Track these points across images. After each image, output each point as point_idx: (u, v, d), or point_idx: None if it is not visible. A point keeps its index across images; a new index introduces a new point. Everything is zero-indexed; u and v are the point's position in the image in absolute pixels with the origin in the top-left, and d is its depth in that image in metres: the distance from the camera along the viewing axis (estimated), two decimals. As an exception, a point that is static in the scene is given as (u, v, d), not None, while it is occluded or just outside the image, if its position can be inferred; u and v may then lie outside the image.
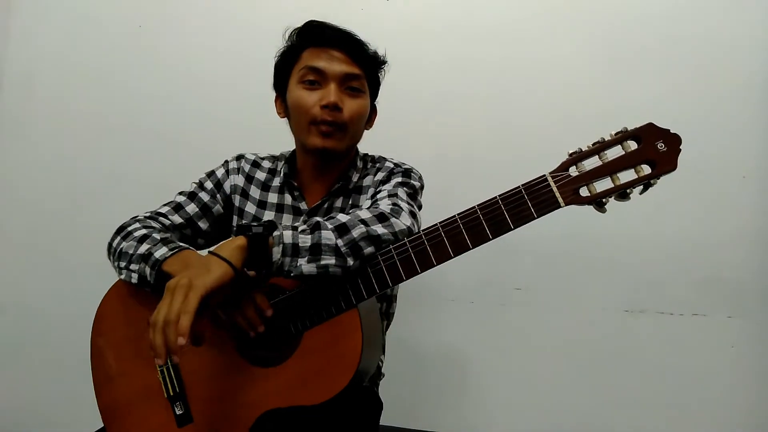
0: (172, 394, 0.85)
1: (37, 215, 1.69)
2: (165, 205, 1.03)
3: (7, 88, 1.71)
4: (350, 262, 0.77)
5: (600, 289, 1.46)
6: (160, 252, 0.84)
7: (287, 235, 0.76)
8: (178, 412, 0.84)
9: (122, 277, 0.88)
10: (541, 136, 1.47)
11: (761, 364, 1.40)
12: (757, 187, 1.41)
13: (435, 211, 1.01)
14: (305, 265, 0.76)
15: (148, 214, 0.99)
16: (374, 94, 1.06)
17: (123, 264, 0.87)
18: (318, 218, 0.81)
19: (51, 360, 1.66)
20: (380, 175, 1.01)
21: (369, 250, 0.79)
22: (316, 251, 0.76)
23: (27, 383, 1.68)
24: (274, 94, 1.07)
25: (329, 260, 0.76)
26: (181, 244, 0.88)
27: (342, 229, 0.78)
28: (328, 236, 0.77)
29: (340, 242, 0.77)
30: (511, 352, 1.50)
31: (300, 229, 0.78)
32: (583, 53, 1.48)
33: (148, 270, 0.83)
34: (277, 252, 0.75)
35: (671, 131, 0.74)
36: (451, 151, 1.51)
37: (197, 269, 0.72)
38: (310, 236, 0.77)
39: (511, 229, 0.77)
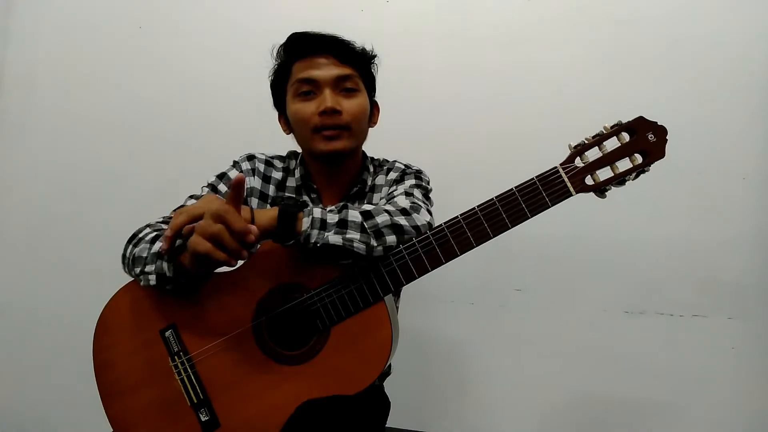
0: (195, 401, 0.84)
1: (38, 217, 1.69)
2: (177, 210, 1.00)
3: (7, 90, 1.71)
4: (374, 242, 0.80)
5: (600, 290, 1.46)
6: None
7: (317, 211, 0.79)
8: (204, 418, 0.83)
9: (141, 283, 0.84)
10: (542, 140, 1.46)
11: (761, 366, 1.40)
12: (758, 188, 1.41)
13: (434, 214, 1.02)
14: (331, 236, 0.78)
15: (161, 219, 0.96)
16: (371, 90, 1.05)
17: (138, 269, 0.83)
18: (345, 203, 0.84)
19: (52, 362, 1.66)
20: (393, 175, 1.03)
21: (391, 238, 0.81)
22: (342, 225, 0.79)
23: (28, 386, 1.68)
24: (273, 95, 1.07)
25: (354, 234, 0.79)
26: None
27: (367, 215, 0.81)
28: (354, 215, 0.81)
29: (365, 224, 0.80)
30: (510, 353, 1.49)
31: (328, 209, 0.81)
32: (583, 56, 1.48)
33: (165, 265, 0.80)
34: (306, 222, 0.78)
35: (658, 123, 0.82)
36: (450, 154, 1.50)
37: None
38: (337, 215, 0.80)
39: (528, 218, 0.82)
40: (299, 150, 1.07)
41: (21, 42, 1.71)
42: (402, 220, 0.82)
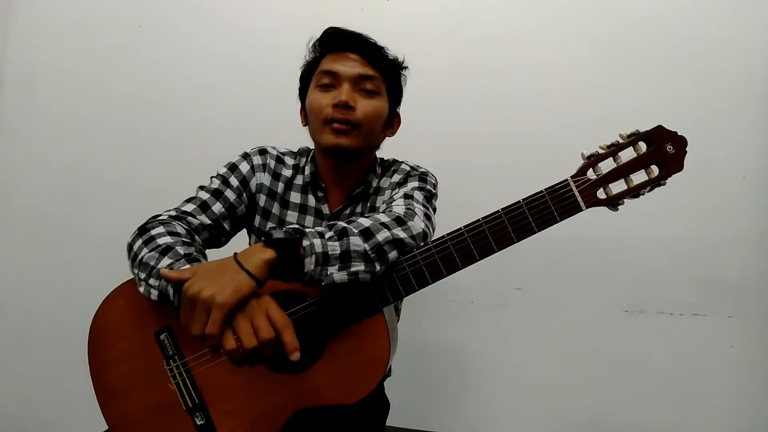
0: (191, 405, 0.83)
1: (38, 217, 1.68)
2: (188, 202, 0.96)
3: (6, 90, 1.71)
4: (378, 267, 0.77)
5: (600, 290, 1.46)
6: None
7: (317, 244, 0.74)
8: (199, 422, 0.83)
9: (141, 289, 0.81)
10: (542, 140, 1.47)
11: (761, 364, 1.40)
12: (758, 187, 1.41)
13: (436, 215, 1.02)
14: (336, 274, 0.75)
15: (173, 214, 0.92)
16: (395, 100, 1.05)
17: (143, 276, 0.80)
18: (342, 223, 0.80)
19: (52, 362, 1.65)
20: (397, 177, 1.02)
21: (393, 254, 0.79)
22: (345, 258, 0.75)
23: (28, 386, 1.68)
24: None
25: (359, 266, 0.76)
26: (203, 261, 0.81)
27: (367, 234, 0.78)
28: (356, 242, 0.76)
29: (367, 247, 0.76)
30: (511, 352, 1.49)
31: (327, 236, 0.76)
32: (584, 57, 1.48)
33: (170, 290, 0.76)
34: (309, 263, 0.73)
35: (678, 133, 0.77)
36: (450, 154, 1.51)
37: (223, 281, 0.70)
38: (338, 243, 0.76)
39: (535, 233, 0.78)
40: (312, 146, 1.07)
41: (21, 42, 1.71)
42: (401, 233, 0.79)
